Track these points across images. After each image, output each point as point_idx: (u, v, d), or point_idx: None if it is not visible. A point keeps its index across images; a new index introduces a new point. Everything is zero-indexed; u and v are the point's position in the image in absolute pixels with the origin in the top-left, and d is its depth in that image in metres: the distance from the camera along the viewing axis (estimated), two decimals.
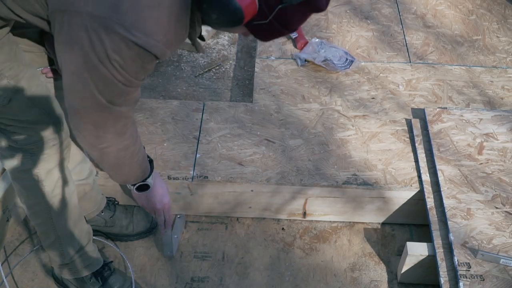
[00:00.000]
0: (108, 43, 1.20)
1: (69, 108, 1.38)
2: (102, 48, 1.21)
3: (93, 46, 1.21)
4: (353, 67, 2.59)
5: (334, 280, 2.05)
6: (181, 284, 2.03)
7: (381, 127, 2.33)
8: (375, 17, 2.94)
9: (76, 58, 1.25)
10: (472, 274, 1.78)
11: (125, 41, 1.20)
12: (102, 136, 1.41)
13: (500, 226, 1.92)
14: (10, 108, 1.48)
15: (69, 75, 1.30)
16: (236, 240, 2.17)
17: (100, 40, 1.20)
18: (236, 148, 2.22)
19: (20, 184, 1.69)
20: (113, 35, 1.19)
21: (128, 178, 1.65)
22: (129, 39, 1.20)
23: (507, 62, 2.71)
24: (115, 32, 1.18)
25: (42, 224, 1.76)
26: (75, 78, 1.29)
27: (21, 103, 1.50)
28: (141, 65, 1.28)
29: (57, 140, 1.62)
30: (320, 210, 2.20)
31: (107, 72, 1.25)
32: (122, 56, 1.23)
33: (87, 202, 2.00)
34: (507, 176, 2.08)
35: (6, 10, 1.32)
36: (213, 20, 1.27)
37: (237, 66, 2.95)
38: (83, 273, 1.87)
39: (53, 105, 1.58)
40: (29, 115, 1.53)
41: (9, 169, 1.66)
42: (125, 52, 1.22)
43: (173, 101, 2.44)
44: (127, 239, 2.13)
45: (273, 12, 1.25)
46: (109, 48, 1.21)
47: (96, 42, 1.20)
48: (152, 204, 1.80)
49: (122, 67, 1.25)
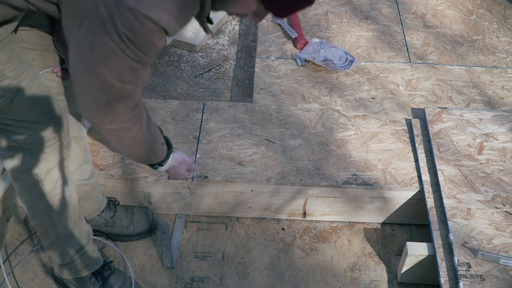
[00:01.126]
0: (118, 17, 1.18)
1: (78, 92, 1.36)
2: (112, 21, 1.18)
3: (102, 20, 1.18)
4: (353, 67, 2.59)
5: (334, 280, 2.05)
6: (181, 284, 2.03)
7: (381, 127, 2.33)
8: (375, 17, 2.94)
9: (84, 34, 1.22)
10: (472, 274, 1.78)
11: (136, 14, 1.18)
12: (115, 117, 1.39)
13: (500, 226, 1.92)
14: (11, 108, 1.48)
15: (77, 54, 1.28)
16: (236, 240, 2.17)
17: (110, 13, 1.18)
18: (236, 148, 2.23)
19: (20, 184, 1.69)
20: (123, 9, 1.17)
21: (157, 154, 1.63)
22: (140, 12, 1.17)
23: (507, 62, 2.71)
24: (125, 5, 1.17)
25: (42, 224, 1.76)
26: (83, 57, 1.27)
27: (22, 104, 1.49)
28: (151, 40, 1.25)
29: (57, 140, 1.62)
30: (320, 210, 2.20)
31: (116, 47, 1.22)
32: (131, 30, 1.20)
33: (88, 202, 2.00)
34: (507, 176, 2.08)
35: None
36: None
37: (237, 66, 2.95)
38: (83, 273, 1.87)
39: (54, 105, 1.58)
40: (30, 115, 1.53)
41: (9, 169, 1.66)
42: (135, 26, 1.20)
43: (173, 101, 2.44)
44: (127, 239, 2.13)
45: None
46: (119, 22, 1.18)
47: (106, 15, 1.18)
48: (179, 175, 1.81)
49: (132, 42, 1.22)
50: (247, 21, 3.24)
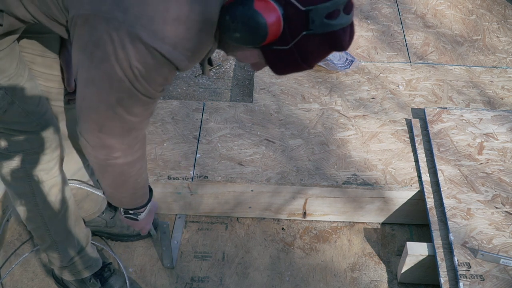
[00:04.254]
0: (132, 50, 1.16)
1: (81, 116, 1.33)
2: (125, 54, 1.17)
3: (115, 52, 1.17)
4: (353, 67, 2.59)
5: (334, 280, 2.05)
6: (181, 284, 2.03)
7: (381, 127, 2.33)
8: (375, 17, 2.94)
9: (95, 64, 1.21)
10: (472, 274, 1.78)
11: (150, 49, 1.17)
12: (112, 146, 1.35)
13: (500, 226, 1.92)
14: (4, 118, 1.47)
15: (86, 82, 1.26)
16: (236, 240, 2.17)
17: (123, 46, 1.16)
18: (236, 148, 2.23)
19: (13, 191, 1.67)
20: (138, 43, 1.16)
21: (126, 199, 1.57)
22: (154, 48, 1.17)
23: (507, 62, 2.71)
24: (140, 39, 1.15)
25: (36, 229, 1.75)
26: (92, 85, 1.25)
27: (16, 114, 1.48)
28: (162, 75, 1.24)
29: (50, 149, 1.60)
30: (320, 210, 2.20)
31: (126, 81, 1.21)
32: (144, 65, 1.19)
33: (89, 204, 2.00)
34: (507, 176, 2.08)
35: (23, 9, 1.29)
36: (232, 35, 1.21)
37: (237, 66, 2.95)
38: (83, 274, 1.87)
39: (48, 115, 1.56)
40: (23, 124, 1.51)
41: (0, 176, 1.64)
42: (148, 61, 1.19)
43: (173, 101, 2.44)
44: (127, 239, 2.13)
45: (296, 38, 1.19)
46: (132, 56, 1.17)
47: (119, 48, 1.16)
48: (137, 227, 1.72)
49: (143, 77, 1.22)
50: None
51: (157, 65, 1.20)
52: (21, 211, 1.72)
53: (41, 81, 1.60)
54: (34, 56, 1.56)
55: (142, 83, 1.23)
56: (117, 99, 1.26)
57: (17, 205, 1.71)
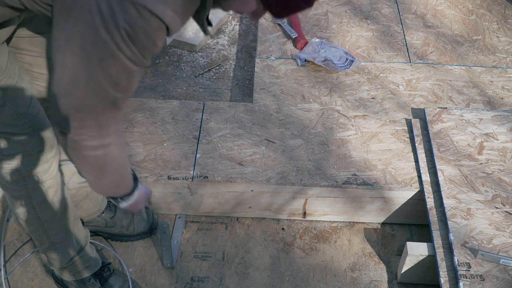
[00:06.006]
0: (120, 11, 1.10)
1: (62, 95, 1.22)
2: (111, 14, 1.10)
3: (100, 12, 1.09)
4: (353, 67, 2.59)
5: (334, 280, 2.05)
6: (181, 284, 2.03)
7: (381, 127, 2.33)
8: (375, 17, 2.94)
9: (78, 29, 1.12)
10: (472, 274, 1.78)
11: (140, 9, 1.10)
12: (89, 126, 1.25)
13: (500, 226, 1.92)
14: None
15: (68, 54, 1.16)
16: (236, 240, 2.17)
17: (111, 8, 1.09)
18: (236, 148, 2.23)
19: (9, 194, 1.67)
20: (127, 3, 1.10)
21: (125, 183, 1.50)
22: (145, 7, 1.10)
23: (507, 62, 2.71)
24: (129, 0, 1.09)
25: (34, 231, 1.75)
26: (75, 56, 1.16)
27: (7, 117, 1.46)
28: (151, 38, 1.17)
29: (45, 151, 1.59)
30: (320, 210, 2.20)
31: (113, 45, 1.13)
32: (132, 26, 1.11)
33: (88, 204, 2.00)
34: (507, 176, 2.08)
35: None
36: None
37: (237, 66, 2.95)
38: (83, 275, 1.87)
39: (39, 117, 1.54)
40: (14, 127, 1.50)
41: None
42: (136, 21, 1.12)
43: (173, 101, 2.44)
44: (127, 239, 2.13)
45: None
46: (121, 18, 1.10)
47: (107, 10, 1.10)
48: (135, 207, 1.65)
49: (131, 38, 1.13)
50: (247, 21, 3.24)
51: (145, 24, 1.13)
52: (19, 213, 1.71)
53: (41, 82, 1.60)
54: (35, 58, 1.56)
55: (130, 46, 1.15)
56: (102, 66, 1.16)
57: (14, 208, 1.70)
